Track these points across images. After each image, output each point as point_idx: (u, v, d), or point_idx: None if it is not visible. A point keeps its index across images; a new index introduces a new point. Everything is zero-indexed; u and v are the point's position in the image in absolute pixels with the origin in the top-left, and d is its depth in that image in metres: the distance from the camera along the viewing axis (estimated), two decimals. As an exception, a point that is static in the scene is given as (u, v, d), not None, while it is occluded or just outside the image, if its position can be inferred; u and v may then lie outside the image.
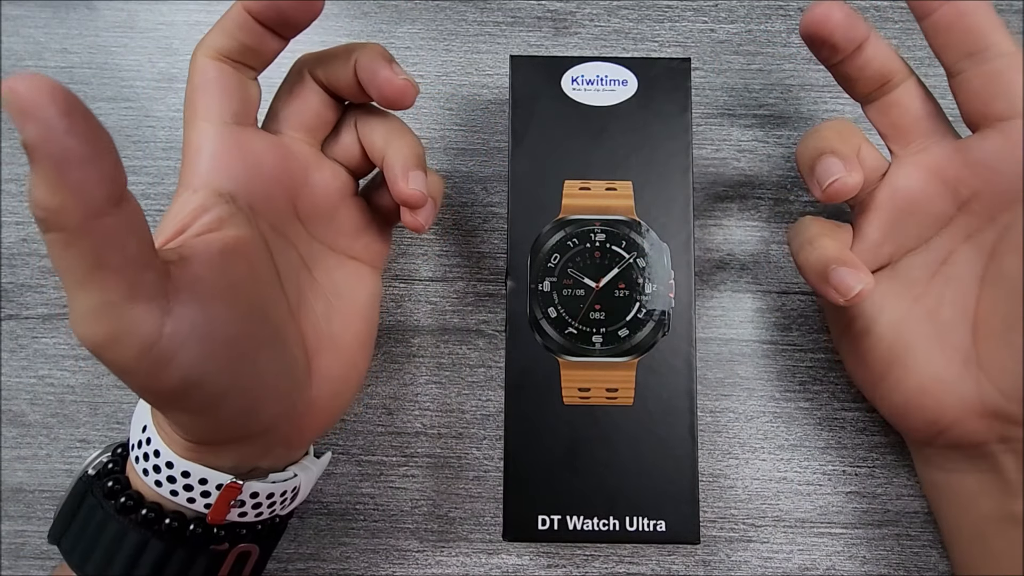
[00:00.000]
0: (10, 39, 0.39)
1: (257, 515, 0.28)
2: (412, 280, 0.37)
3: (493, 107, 0.38)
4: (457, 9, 0.39)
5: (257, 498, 0.27)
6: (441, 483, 0.35)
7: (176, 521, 0.26)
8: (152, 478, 0.26)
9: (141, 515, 0.26)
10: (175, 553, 0.26)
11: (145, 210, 0.37)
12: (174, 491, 0.26)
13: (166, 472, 0.25)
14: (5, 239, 0.37)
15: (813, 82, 0.38)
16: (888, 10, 0.39)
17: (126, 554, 0.26)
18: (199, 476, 0.26)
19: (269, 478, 0.28)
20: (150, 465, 0.26)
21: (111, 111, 0.38)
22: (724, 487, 0.35)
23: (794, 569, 0.34)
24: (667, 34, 0.39)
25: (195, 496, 0.26)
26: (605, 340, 0.31)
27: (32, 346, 0.36)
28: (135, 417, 0.27)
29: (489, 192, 0.37)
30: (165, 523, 0.26)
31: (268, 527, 0.29)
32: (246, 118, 0.27)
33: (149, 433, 0.26)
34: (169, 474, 0.25)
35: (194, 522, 0.26)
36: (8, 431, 0.36)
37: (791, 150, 0.38)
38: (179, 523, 0.26)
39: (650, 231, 0.32)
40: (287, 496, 0.29)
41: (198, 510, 0.26)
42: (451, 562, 0.35)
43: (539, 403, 0.31)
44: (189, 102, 0.26)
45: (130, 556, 0.26)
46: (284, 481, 0.28)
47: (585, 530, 0.30)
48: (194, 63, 0.26)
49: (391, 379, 0.36)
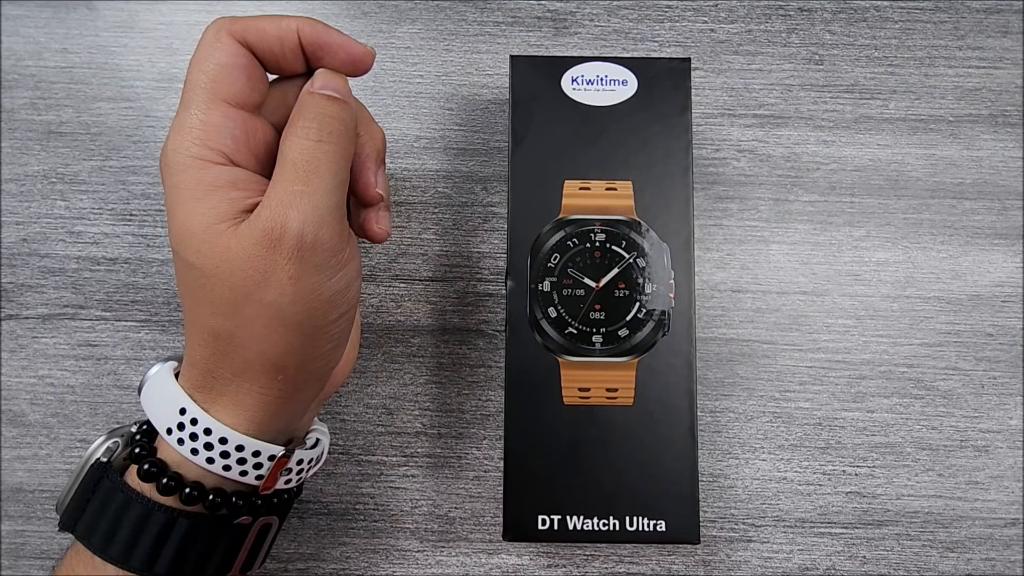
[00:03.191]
0: (10, 39, 0.39)
1: (299, 481, 0.30)
2: (412, 280, 0.37)
3: (493, 107, 0.38)
4: (457, 9, 0.39)
5: (301, 464, 0.29)
6: (441, 483, 0.35)
7: (219, 496, 0.27)
8: (203, 456, 0.26)
9: (185, 494, 0.26)
10: (204, 528, 0.27)
11: (145, 210, 0.37)
12: (227, 466, 0.26)
13: (219, 448, 0.26)
14: (5, 239, 0.37)
15: (813, 82, 0.38)
16: (888, 10, 0.39)
17: (153, 533, 0.26)
18: (253, 449, 0.26)
19: (305, 446, 0.29)
20: (200, 444, 0.26)
21: (111, 111, 0.38)
22: (724, 487, 0.35)
23: (794, 569, 0.34)
24: (667, 34, 0.39)
25: (247, 469, 0.27)
26: (605, 340, 0.31)
27: (32, 346, 0.36)
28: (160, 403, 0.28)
29: (489, 192, 0.37)
30: (209, 499, 0.27)
31: (283, 500, 0.30)
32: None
33: (193, 414, 0.26)
34: (223, 449, 0.26)
35: (234, 495, 0.27)
36: (8, 431, 0.36)
37: (791, 150, 0.38)
38: (222, 498, 0.27)
39: (650, 231, 0.32)
40: (314, 461, 0.30)
41: (249, 482, 0.27)
42: (451, 562, 0.35)
43: (539, 403, 0.31)
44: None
45: (158, 534, 0.26)
46: (314, 448, 0.30)
47: (585, 530, 0.30)
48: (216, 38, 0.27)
49: (391, 379, 0.36)
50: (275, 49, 0.28)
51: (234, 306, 0.25)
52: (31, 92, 0.38)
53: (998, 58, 0.38)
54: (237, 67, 0.27)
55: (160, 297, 0.37)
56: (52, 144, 0.38)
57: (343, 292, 0.27)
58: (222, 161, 0.26)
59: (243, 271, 0.25)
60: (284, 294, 0.25)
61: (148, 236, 0.37)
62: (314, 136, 0.26)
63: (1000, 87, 0.38)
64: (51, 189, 0.38)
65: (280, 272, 0.25)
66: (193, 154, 0.26)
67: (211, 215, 0.25)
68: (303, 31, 0.28)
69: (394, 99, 0.38)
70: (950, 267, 0.37)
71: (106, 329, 0.37)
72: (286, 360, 0.26)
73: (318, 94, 0.28)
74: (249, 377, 0.26)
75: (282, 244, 0.25)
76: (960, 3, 0.39)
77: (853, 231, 0.37)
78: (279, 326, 0.25)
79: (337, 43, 0.28)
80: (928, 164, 0.37)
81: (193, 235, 0.25)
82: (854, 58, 0.38)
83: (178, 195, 0.26)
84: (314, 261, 0.25)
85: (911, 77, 0.38)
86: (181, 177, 0.26)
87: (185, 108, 0.27)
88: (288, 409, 0.28)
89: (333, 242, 0.26)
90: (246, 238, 0.25)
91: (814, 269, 0.37)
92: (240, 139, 0.27)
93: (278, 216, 0.25)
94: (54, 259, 0.37)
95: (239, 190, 0.26)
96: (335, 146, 0.27)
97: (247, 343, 0.26)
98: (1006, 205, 0.37)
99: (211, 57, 0.27)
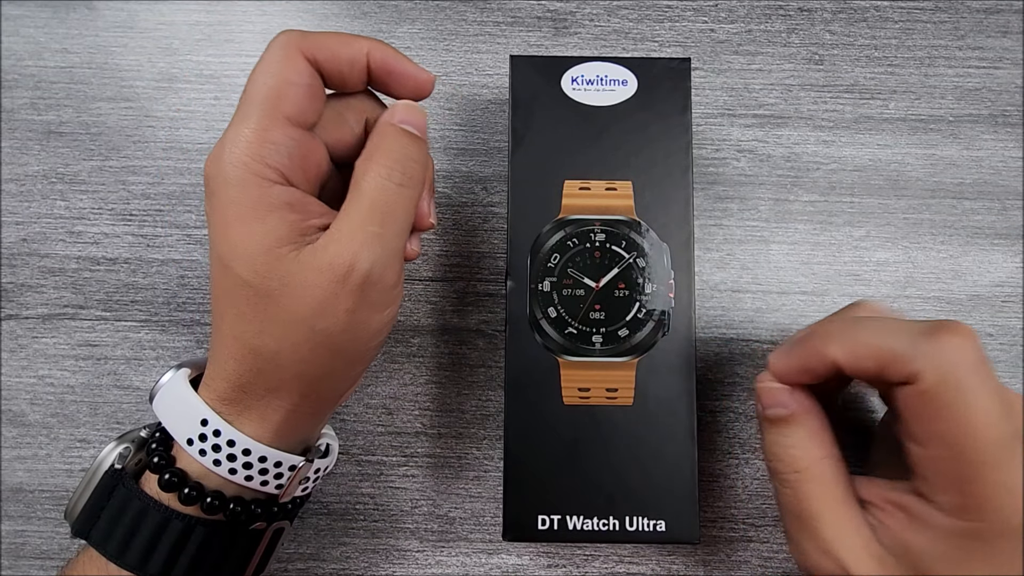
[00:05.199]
0: (10, 39, 0.39)
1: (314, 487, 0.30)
2: (412, 280, 0.37)
3: (493, 107, 0.38)
4: (457, 9, 0.39)
5: (317, 472, 0.29)
6: (441, 483, 0.35)
7: (239, 506, 0.27)
8: (226, 467, 0.27)
9: (206, 503, 0.27)
10: (220, 534, 0.27)
11: (145, 210, 0.37)
12: (249, 476, 0.27)
13: (243, 459, 0.27)
14: (5, 239, 0.37)
15: (813, 82, 0.38)
16: (888, 10, 0.39)
17: (171, 540, 0.26)
18: (275, 460, 0.27)
19: (319, 453, 0.30)
20: (223, 455, 0.26)
21: (111, 111, 0.38)
22: (724, 487, 0.35)
23: (794, 569, 0.34)
24: (667, 34, 0.39)
25: (269, 479, 0.27)
26: (605, 340, 0.31)
27: (32, 346, 0.36)
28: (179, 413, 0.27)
29: (489, 192, 0.37)
30: (230, 508, 0.27)
31: (295, 504, 0.30)
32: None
33: (216, 426, 0.26)
34: (246, 460, 0.27)
35: (253, 503, 0.28)
36: (8, 431, 0.36)
37: (791, 150, 0.38)
38: (242, 507, 0.27)
39: (650, 231, 0.32)
40: (327, 467, 0.30)
41: (269, 491, 0.28)
42: (451, 562, 0.35)
43: (539, 403, 0.31)
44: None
45: (175, 542, 0.27)
46: (327, 455, 0.30)
47: (585, 530, 0.30)
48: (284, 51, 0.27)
49: (391, 379, 0.36)
50: (344, 70, 0.28)
51: (285, 328, 0.25)
52: (31, 92, 0.38)
53: (998, 58, 0.38)
54: (303, 86, 0.27)
55: (160, 297, 0.37)
56: (52, 144, 0.38)
57: (388, 324, 0.28)
58: (280, 180, 0.26)
59: (301, 297, 0.25)
60: (338, 323, 0.25)
61: (148, 236, 0.37)
62: (397, 180, 0.26)
63: (1000, 87, 0.38)
64: (51, 189, 0.38)
65: (339, 304, 0.25)
66: (253, 170, 0.25)
67: (271, 237, 0.25)
68: (373, 55, 0.28)
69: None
70: (950, 267, 0.37)
71: (106, 329, 0.37)
72: (320, 382, 0.27)
73: (401, 129, 0.28)
74: (282, 394, 0.27)
75: (348, 280, 0.25)
76: (960, 3, 0.39)
77: (853, 231, 0.37)
78: (325, 351, 0.26)
79: (406, 70, 0.29)
80: (928, 164, 0.37)
81: (252, 255, 0.25)
82: (854, 58, 0.38)
83: (236, 211, 0.25)
84: (372, 298, 0.26)
85: (911, 77, 0.38)
86: (239, 192, 0.25)
87: (243, 120, 0.26)
88: (310, 423, 0.28)
89: (394, 281, 0.27)
90: (310, 267, 0.25)
91: (814, 269, 0.37)
92: (296, 159, 0.27)
93: (348, 252, 0.25)
94: (54, 259, 0.37)
95: (296, 212, 0.26)
96: (414, 190, 0.27)
97: (289, 364, 0.26)
98: (1006, 205, 0.37)
99: (278, 72, 0.26)
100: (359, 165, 0.27)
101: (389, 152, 0.27)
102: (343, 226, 0.26)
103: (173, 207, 0.37)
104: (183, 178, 0.38)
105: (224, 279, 0.26)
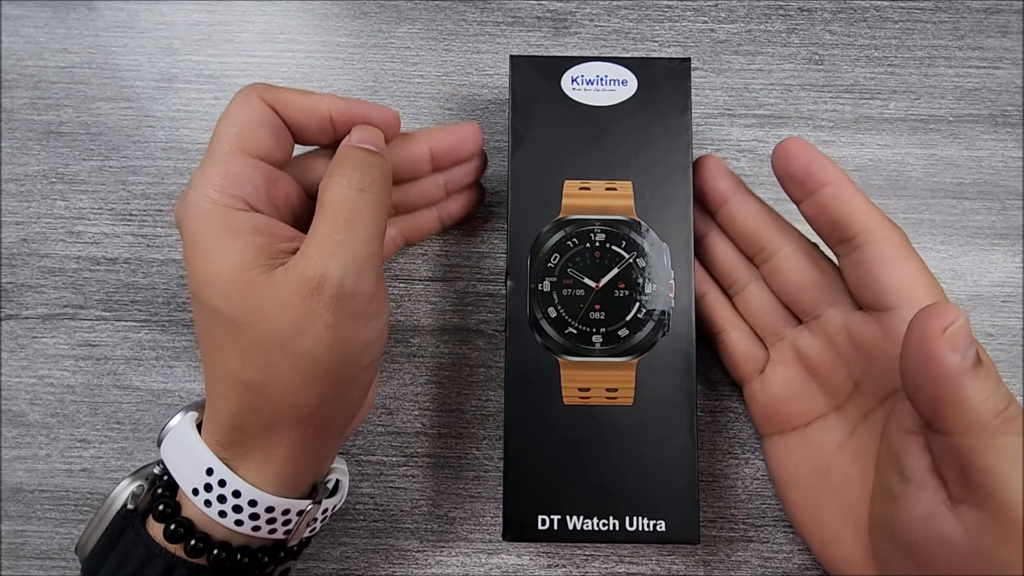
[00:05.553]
0: (10, 39, 0.39)
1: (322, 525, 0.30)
2: (412, 280, 0.37)
3: (493, 107, 0.38)
4: (457, 9, 0.39)
5: (326, 513, 0.29)
6: (441, 483, 0.35)
7: (246, 556, 0.27)
8: (232, 518, 0.26)
9: (213, 556, 0.26)
10: None
11: (145, 210, 0.37)
12: (256, 526, 0.26)
13: (248, 510, 0.26)
14: (5, 239, 0.37)
15: (813, 82, 0.38)
16: (888, 10, 0.39)
17: None
18: (282, 508, 0.26)
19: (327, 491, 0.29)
20: (228, 506, 0.26)
21: (111, 111, 0.38)
22: (724, 487, 0.35)
23: (794, 569, 0.34)
24: (667, 34, 0.39)
25: (276, 527, 0.27)
26: (605, 340, 0.31)
27: (32, 346, 0.36)
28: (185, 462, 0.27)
29: (489, 192, 0.37)
30: (236, 559, 0.26)
31: (303, 543, 0.30)
32: None
33: (221, 475, 0.26)
34: (252, 511, 0.26)
35: (259, 551, 0.27)
36: (8, 431, 0.36)
37: (791, 150, 0.38)
38: (249, 557, 0.27)
39: (650, 231, 0.32)
40: (336, 505, 0.30)
41: (276, 537, 0.27)
42: (451, 562, 0.35)
43: (539, 403, 0.31)
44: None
45: None
46: (336, 495, 0.30)
47: (585, 530, 0.30)
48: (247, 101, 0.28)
49: (391, 379, 0.36)
50: (302, 118, 0.28)
51: (267, 355, 0.25)
52: (31, 92, 0.38)
53: (998, 58, 0.38)
54: (264, 124, 0.27)
55: (160, 297, 0.37)
56: (52, 144, 0.38)
57: (376, 341, 0.27)
58: (244, 208, 0.26)
59: (278, 320, 0.24)
60: (320, 343, 0.25)
61: (148, 236, 0.37)
62: (356, 185, 0.26)
63: (1000, 87, 0.38)
64: (51, 189, 0.38)
65: (317, 321, 0.25)
66: (214, 200, 0.26)
67: (238, 262, 0.25)
68: (334, 105, 0.29)
69: (394, 99, 0.38)
70: (950, 267, 0.37)
71: (106, 329, 0.37)
72: (318, 411, 0.26)
73: (357, 147, 0.28)
74: (280, 431, 0.26)
75: (321, 293, 0.24)
76: (960, 3, 0.39)
77: (853, 231, 0.37)
78: (313, 376, 0.25)
79: (367, 114, 0.29)
80: (928, 164, 0.37)
81: (221, 283, 0.25)
82: (854, 58, 0.38)
83: (201, 241, 0.25)
84: (351, 310, 0.25)
85: (911, 77, 0.38)
86: (202, 224, 0.25)
87: (208, 160, 0.27)
88: (314, 460, 0.28)
89: (371, 291, 0.26)
90: (281, 286, 0.25)
91: (814, 269, 0.37)
92: (262, 189, 0.27)
93: (318, 264, 0.25)
94: (54, 259, 0.37)
95: (263, 236, 0.26)
96: (376, 195, 0.27)
97: (279, 395, 0.25)
98: (1006, 205, 0.37)
99: (240, 114, 0.27)
100: (321, 185, 0.27)
101: (345, 163, 0.27)
102: (311, 242, 0.25)
103: (173, 207, 0.37)
104: (183, 178, 0.38)
105: (201, 314, 0.26)
